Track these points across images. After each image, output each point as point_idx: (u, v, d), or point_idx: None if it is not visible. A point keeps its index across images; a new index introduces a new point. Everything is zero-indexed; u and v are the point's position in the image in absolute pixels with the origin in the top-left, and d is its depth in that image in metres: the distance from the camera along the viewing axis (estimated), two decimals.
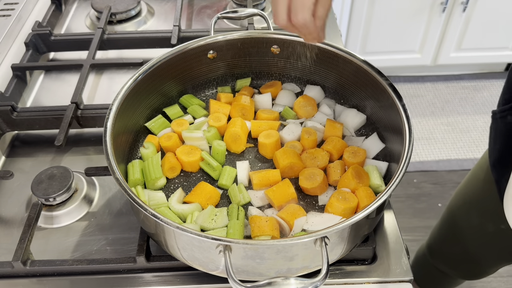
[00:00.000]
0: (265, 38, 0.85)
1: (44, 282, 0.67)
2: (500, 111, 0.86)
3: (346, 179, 0.72)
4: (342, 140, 0.79)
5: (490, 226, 0.97)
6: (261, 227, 0.65)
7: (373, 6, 2.27)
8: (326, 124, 0.81)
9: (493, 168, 0.88)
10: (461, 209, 1.08)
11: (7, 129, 0.88)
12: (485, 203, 0.97)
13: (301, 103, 0.85)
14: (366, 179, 0.72)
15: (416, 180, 2.20)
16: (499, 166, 0.86)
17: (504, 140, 0.85)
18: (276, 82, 0.90)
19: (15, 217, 0.76)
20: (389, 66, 2.54)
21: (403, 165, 0.62)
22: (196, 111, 0.84)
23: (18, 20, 1.12)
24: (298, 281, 0.51)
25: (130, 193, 0.59)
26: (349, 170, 0.72)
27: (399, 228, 0.73)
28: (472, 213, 1.03)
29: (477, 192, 1.00)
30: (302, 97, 0.85)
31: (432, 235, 1.25)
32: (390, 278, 0.67)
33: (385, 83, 0.74)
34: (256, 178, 0.73)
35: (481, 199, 0.99)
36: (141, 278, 0.68)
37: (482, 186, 0.97)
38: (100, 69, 1.06)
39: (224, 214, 0.68)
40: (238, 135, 0.79)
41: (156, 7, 1.25)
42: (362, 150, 0.76)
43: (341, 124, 0.81)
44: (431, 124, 2.47)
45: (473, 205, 1.02)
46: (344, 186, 0.72)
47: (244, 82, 0.90)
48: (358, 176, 0.71)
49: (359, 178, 0.71)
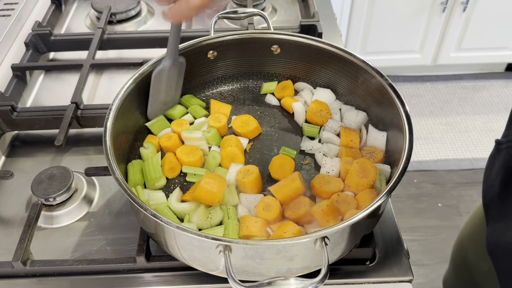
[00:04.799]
0: (265, 38, 0.85)
1: (44, 282, 0.67)
2: (508, 141, 0.76)
3: (350, 176, 0.70)
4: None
5: (484, 265, 0.93)
6: (249, 227, 0.65)
7: (373, 6, 2.28)
8: (341, 133, 0.79)
9: (491, 204, 0.81)
10: (457, 247, 1.07)
11: (7, 129, 0.88)
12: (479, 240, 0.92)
13: (314, 109, 0.83)
14: (373, 173, 0.69)
15: (416, 180, 2.20)
16: (498, 201, 0.78)
17: (506, 172, 0.76)
18: (286, 83, 0.89)
19: (15, 217, 0.76)
20: (389, 66, 2.54)
21: (403, 165, 0.62)
22: (197, 111, 0.84)
23: (18, 20, 1.12)
24: (298, 281, 0.51)
25: (130, 193, 0.59)
26: (354, 166, 0.70)
27: (399, 228, 0.73)
28: (469, 251, 1.01)
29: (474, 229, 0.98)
30: (314, 103, 0.83)
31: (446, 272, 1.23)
32: (390, 278, 0.67)
33: (385, 83, 0.74)
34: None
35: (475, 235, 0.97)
36: (141, 278, 0.68)
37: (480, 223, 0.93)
38: (100, 69, 1.06)
39: (218, 213, 0.68)
40: (235, 154, 0.77)
41: (156, 7, 1.25)
42: (379, 150, 0.75)
43: (356, 132, 0.79)
44: (430, 124, 2.47)
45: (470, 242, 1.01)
46: (349, 183, 0.70)
47: (269, 86, 0.89)
48: (362, 171, 0.70)
49: (363, 173, 0.70)
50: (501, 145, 0.79)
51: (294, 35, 0.84)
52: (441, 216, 2.07)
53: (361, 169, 0.70)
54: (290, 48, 0.85)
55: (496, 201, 0.78)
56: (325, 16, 1.18)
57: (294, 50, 0.85)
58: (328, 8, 1.22)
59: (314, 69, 0.87)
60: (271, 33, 0.85)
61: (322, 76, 0.87)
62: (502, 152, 0.78)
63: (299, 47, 0.84)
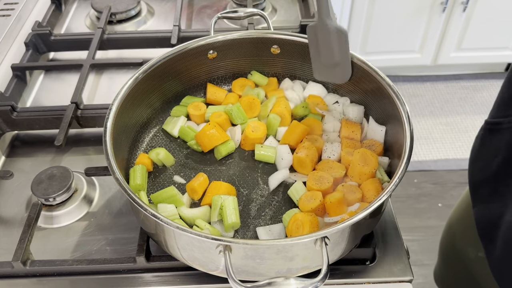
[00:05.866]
0: (265, 38, 0.85)
1: (44, 282, 0.67)
2: (510, 121, 0.75)
3: (353, 166, 0.72)
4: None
5: (471, 251, 0.93)
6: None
7: (373, 6, 2.27)
8: (342, 125, 0.81)
9: (483, 184, 0.80)
10: (445, 234, 1.06)
11: (7, 129, 0.88)
12: (467, 227, 0.92)
13: (311, 102, 0.84)
14: (374, 161, 0.71)
15: (416, 180, 2.20)
16: (493, 181, 0.77)
17: (509, 151, 0.74)
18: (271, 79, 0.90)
19: (15, 217, 0.76)
20: (389, 66, 2.54)
21: (403, 165, 0.62)
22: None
23: (18, 20, 1.12)
24: (298, 281, 0.51)
25: (130, 193, 0.59)
26: (355, 156, 0.72)
27: (399, 228, 0.73)
28: (456, 237, 1.01)
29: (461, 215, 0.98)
30: (309, 98, 0.85)
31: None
32: (390, 278, 0.67)
33: (385, 83, 0.74)
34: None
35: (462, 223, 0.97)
36: (141, 278, 0.68)
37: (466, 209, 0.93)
38: (100, 69, 1.06)
39: (229, 204, 0.68)
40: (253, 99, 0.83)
41: (156, 7, 1.25)
42: (378, 143, 0.76)
43: (357, 124, 0.80)
44: (430, 124, 2.47)
45: (457, 229, 1.00)
46: (351, 174, 0.72)
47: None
48: (364, 160, 0.71)
49: (365, 162, 0.71)
50: (500, 125, 0.77)
51: (294, 35, 0.84)
52: (441, 216, 2.07)
53: (362, 158, 0.72)
54: (290, 48, 0.85)
55: (490, 181, 0.77)
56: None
57: (294, 50, 0.85)
58: None
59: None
60: (271, 33, 0.85)
61: None
62: (501, 132, 0.76)
63: (299, 47, 0.84)
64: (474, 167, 0.83)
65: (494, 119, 0.79)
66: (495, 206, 0.74)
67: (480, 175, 0.81)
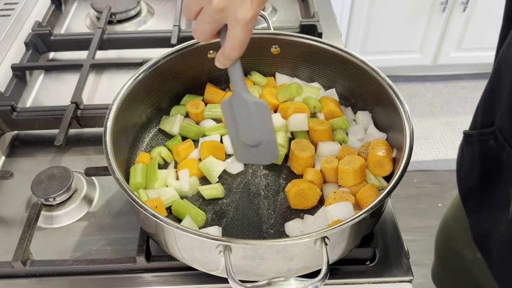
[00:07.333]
0: (265, 38, 0.85)
1: (44, 282, 0.67)
2: (479, 134, 0.74)
3: (340, 169, 0.72)
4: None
5: (468, 253, 0.92)
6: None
7: (373, 6, 2.28)
8: (321, 99, 0.84)
9: (470, 195, 0.79)
10: (441, 233, 1.06)
11: (7, 129, 0.88)
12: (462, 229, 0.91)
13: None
14: (359, 161, 0.71)
15: (416, 180, 2.20)
16: (478, 192, 0.76)
17: (483, 164, 0.73)
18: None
19: (15, 217, 0.76)
20: (389, 66, 2.54)
21: (403, 165, 0.62)
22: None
23: (18, 20, 1.12)
24: (298, 281, 0.51)
25: (130, 193, 0.59)
26: (342, 161, 0.72)
27: (399, 228, 0.73)
28: (452, 238, 1.00)
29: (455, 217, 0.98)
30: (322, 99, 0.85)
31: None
32: (390, 278, 0.67)
33: (385, 83, 0.74)
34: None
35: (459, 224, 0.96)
36: (141, 278, 0.68)
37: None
38: (100, 69, 1.06)
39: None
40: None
41: (156, 7, 1.25)
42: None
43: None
44: (430, 124, 2.47)
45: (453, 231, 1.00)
46: (340, 176, 0.72)
47: None
48: (349, 162, 0.72)
49: (349, 164, 0.72)
50: (471, 137, 0.75)
51: (294, 35, 0.84)
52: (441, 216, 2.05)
53: (348, 160, 0.72)
54: (290, 48, 0.85)
55: (475, 193, 0.76)
56: (325, 16, 1.18)
57: (294, 50, 0.85)
58: (328, 8, 1.22)
59: (314, 69, 0.87)
60: (271, 33, 0.85)
61: (322, 76, 0.87)
62: (474, 145, 0.75)
63: (299, 47, 0.84)
64: (459, 177, 0.83)
65: (468, 131, 0.79)
66: (485, 217, 0.74)
67: (465, 187, 0.81)
